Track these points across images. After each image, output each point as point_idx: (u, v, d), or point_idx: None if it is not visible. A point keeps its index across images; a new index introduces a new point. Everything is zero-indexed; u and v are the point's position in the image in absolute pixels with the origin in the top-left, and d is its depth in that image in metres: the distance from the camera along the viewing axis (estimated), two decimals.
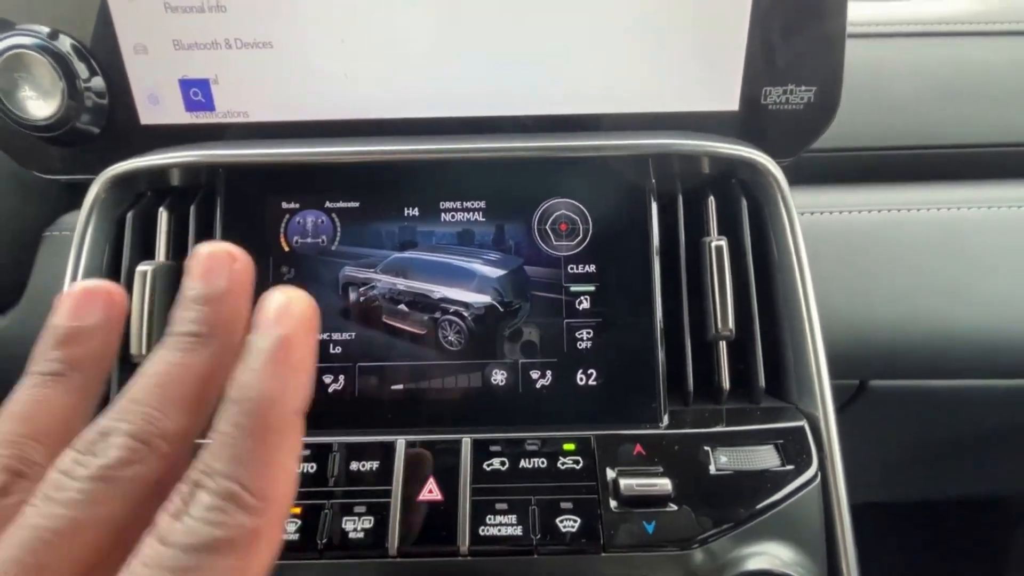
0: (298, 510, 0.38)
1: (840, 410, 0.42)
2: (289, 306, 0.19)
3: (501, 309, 0.43)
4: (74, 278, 0.44)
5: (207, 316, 0.20)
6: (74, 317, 0.21)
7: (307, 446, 0.41)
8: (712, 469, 0.40)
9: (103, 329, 0.21)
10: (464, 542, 0.37)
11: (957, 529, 0.89)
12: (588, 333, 0.43)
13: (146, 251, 0.46)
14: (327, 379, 0.43)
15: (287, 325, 0.19)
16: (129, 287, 0.44)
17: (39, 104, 0.46)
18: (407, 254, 0.44)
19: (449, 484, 0.39)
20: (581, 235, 0.44)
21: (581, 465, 0.40)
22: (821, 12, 0.45)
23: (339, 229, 0.44)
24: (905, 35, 0.58)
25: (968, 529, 0.88)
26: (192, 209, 0.46)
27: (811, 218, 0.55)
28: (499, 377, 0.43)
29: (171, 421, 0.18)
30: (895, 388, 0.57)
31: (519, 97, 0.48)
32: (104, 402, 0.44)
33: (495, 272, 0.44)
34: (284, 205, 0.44)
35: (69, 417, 0.20)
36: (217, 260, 0.21)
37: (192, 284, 0.20)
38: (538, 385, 0.43)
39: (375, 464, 0.40)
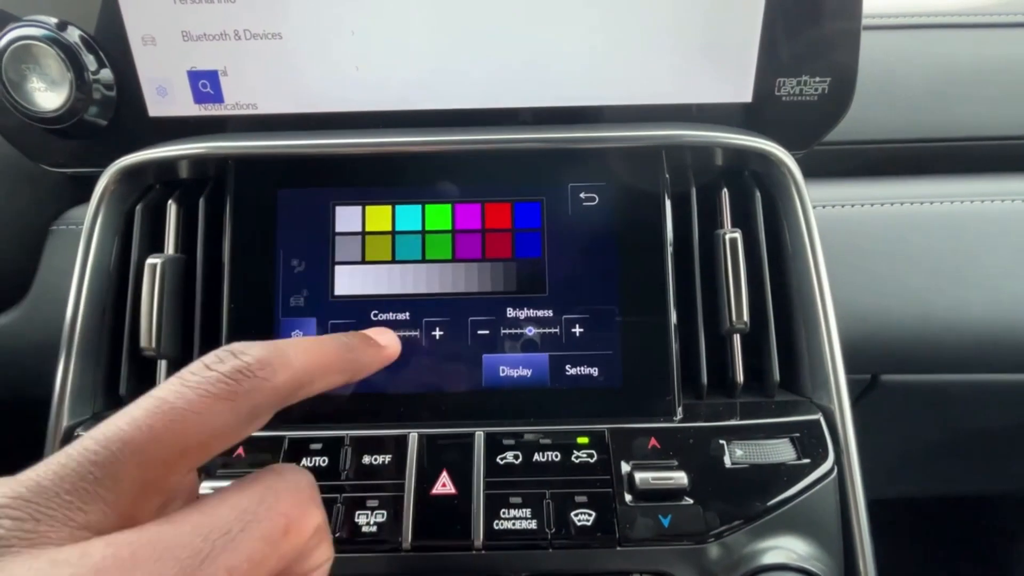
0: None
1: (852, 405, 0.42)
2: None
3: (515, 302, 0.43)
4: (83, 271, 0.44)
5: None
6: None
7: (319, 439, 0.40)
8: (728, 462, 0.39)
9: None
10: (478, 536, 0.37)
11: (970, 525, 0.88)
12: (601, 326, 0.43)
13: (155, 244, 0.46)
14: None
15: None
16: (138, 280, 0.44)
17: (47, 96, 0.46)
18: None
19: (463, 478, 0.39)
20: (594, 228, 0.44)
21: (595, 459, 0.39)
22: (836, 2, 0.45)
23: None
24: (920, 27, 0.57)
25: (982, 525, 0.87)
26: (201, 202, 0.46)
27: (823, 211, 0.54)
28: (512, 371, 0.43)
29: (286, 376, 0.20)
30: (907, 383, 0.57)
31: (531, 89, 0.47)
32: (111, 397, 0.44)
33: (511, 267, 0.44)
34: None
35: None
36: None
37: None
38: (551, 378, 0.42)
39: (388, 458, 0.40)
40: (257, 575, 0.16)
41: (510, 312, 0.43)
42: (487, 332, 0.43)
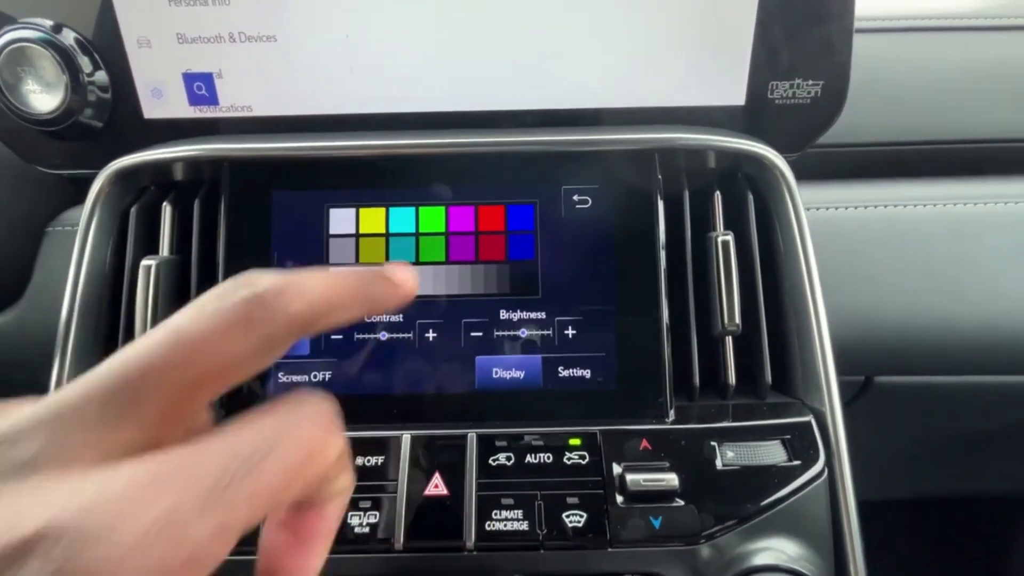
0: None
1: (845, 406, 0.42)
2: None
3: (508, 304, 0.43)
4: (78, 272, 0.44)
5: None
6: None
7: None
8: (719, 464, 0.39)
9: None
10: (470, 537, 0.37)
11: (962, 527, 0.88)
12: (594, 328, 0.43)
13: (150, 246, 0.46)
14: (331, 375, 0.43)
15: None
16: (133, 282, 0.44)
17: (42, 98, 0.46)
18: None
19: (455, 479, 0.39)
20: (587, 230, 0.44)
21: (587, 460, 0.40)
22: (829, 6, 0.45)
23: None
24: (912, 30, 0.58)
25: (973, 527, 0.88)
26: (196, 203, 0.46)
27: (816, 214, 0.54)
28: (505, 372, 0.43)
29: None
30: (901, 384, 0.57)
31: (524, 92, 0.48)
32: None
33: (503, 269, 0.44)
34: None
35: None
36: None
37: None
38: (544, 380, 0.43)
39: (381, 459, 0.40)
40: (280, 499, 0.16)
41: (503, 314, 0.43)
42: (480, 334, 0.43)
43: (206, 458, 0.15)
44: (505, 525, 0.38)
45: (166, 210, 0.46)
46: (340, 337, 0.43)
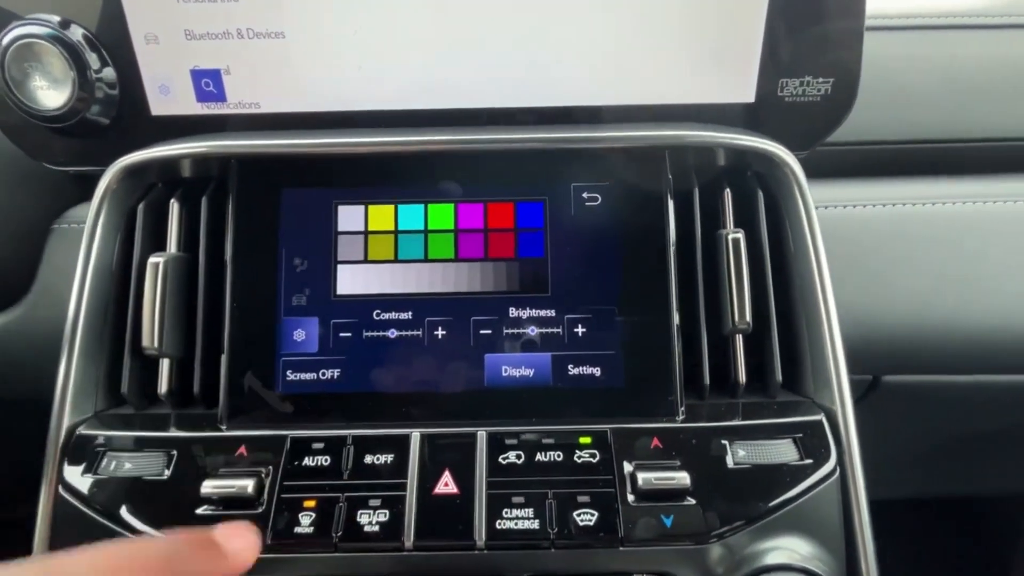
0: (312, 503, 0.38)
1: (853, 405, 0.42)
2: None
3: (517, 302, 0.43)
4: (85, 269, 0.44)
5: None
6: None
7: (321, 439, 0.40)
8: (730, 463, 0.39)
9: None
10: (480, 535, 0.37)
11: (970, 527, 0.88)
12: (603, 326, 0.43)
13: (157, 243, 0.46)
14: (340, 372, 0.43)
15: None
16: (140, 279, 0.44)
17: (50, 94, 0.46)
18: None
19: (465, 477, 0.39)
20: (597, 228, 0.44)
21: (598, 458, 0.39)
22: (839, 3, 0.45)
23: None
24: (923, 28, 0.57)
25: (982, 527, 0.87)
26: (204, 200, 0.46)
27: (825, 212, 0.54)
28: (514, 370, 0.43)
29: None
30: (908, 383, 0.57)
31: (534, 89, 0.47)
32: (113, 396, 0.44)
33: (513, 267, 0.44)
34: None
35: None
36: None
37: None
38: (554, 378, 0.42)
39: (390, 457, 0.40)
40: None
41: (512, 312, 0.43)
42: (489, 332, 0.43)
43: None
44: (515, 524, 0.37)
45: (174, 207, 0.46)
46: (349, 335, 0.43)
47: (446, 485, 0.39)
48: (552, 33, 0.46)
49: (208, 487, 0.37)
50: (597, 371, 0.42)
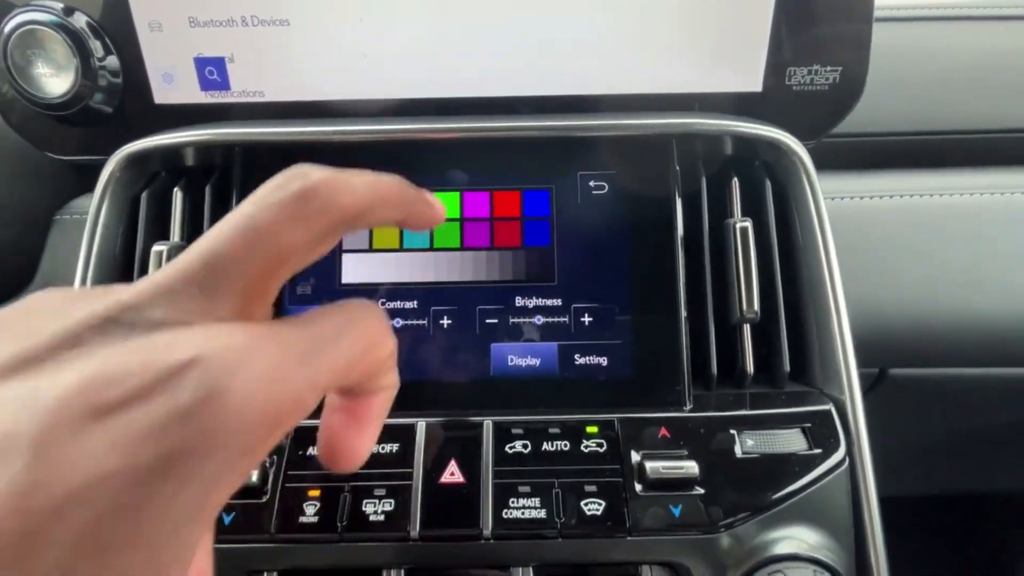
0: (317, 492, 0.38)
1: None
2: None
3: (523, 291, 0.43)
4: (88, 258, 0.43)
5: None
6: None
7: None
8: (738, 452, 0.39)
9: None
10: (487, 525, 0.37)
11: (977, 523, 0.88)
12: (610, 315, 0.42)
13: (161, 231, 0.46)
14: None
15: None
16: (144, 268, 0.44)
17: (53, 81, 0.45)
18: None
19: (471, 467, 0.38)
20: (604, 217, 0.44)
21: (605, 448, 0.39)
22: None
23: None
24: (931, 19, 0.57)
25: (988, 523, 0.87)
26: (207, 189, 0.45)
27: (833, 203, 0.54)
28: (520, 360, 0.42)
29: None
30: (916, 377, 0.57)
31: (540, 77, 0.47)
32: None
33: (519, 255, 0.43)
34: None
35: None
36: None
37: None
38: (560, 368, 0.42)
39: (396, 447, 0.39)
40: (348, 378, 0.20)
41: (519, 301, 0.43)
42: (495, 321, 0.43)
43: (297, 332, 0.18)
44: (522, 513, 0.37)
45: (177, 196, 0.45)
46: None
47: (452, 475, 0.38)
48: (560, 22, 0.45)
49: None
50: (604, 361, 0.42)
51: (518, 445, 0.39)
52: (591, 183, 0.44)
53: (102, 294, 0.18)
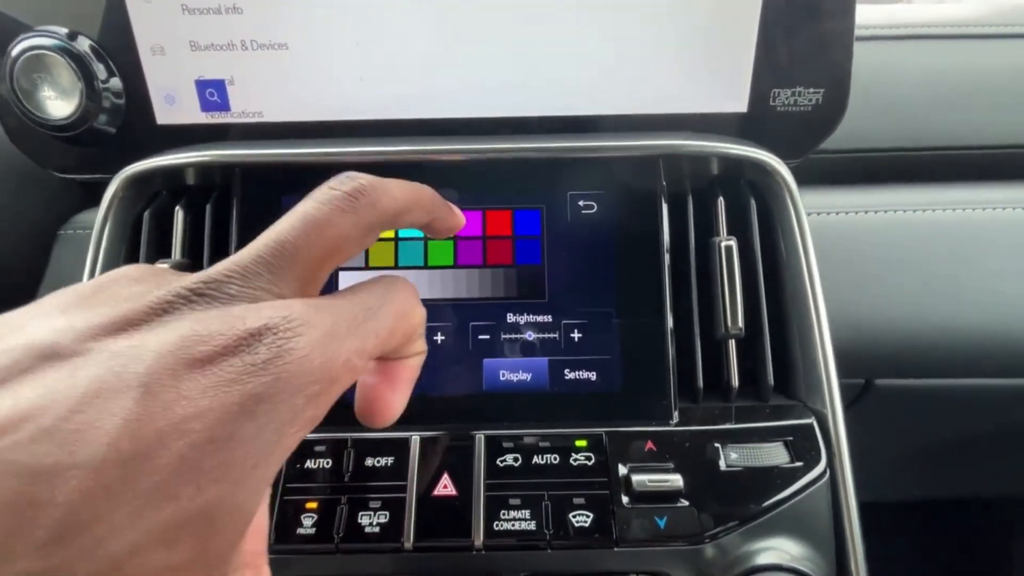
0: (314, 504, 0.39)
1: (846, 409, 0.43)
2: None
3: (515, 308, 0.44)
4: (92, 275, 0.45)
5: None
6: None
7: (321, 442, 0.41)
8: (722, 465, 0.40)
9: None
10: (479, 536, 0.38)
11: (962, 530, 0.89)
12: (599, 331, 0.44)
13: (162, 250, 0.47)
14: None
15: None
16: None
17: (58, 104, 0.47)
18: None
19: (463, 479, 0.40)
20: (593, 235, 0.45)
21: (593, 461, 0.40)
22: (830, 14, 0.46)
23: None
24: (912, 38, 0.58)
25: (974, 529, 0.88)
26: (208, 208, 0.47)
27: (818, 219, 0.55)
28: (512, 375, 0.43)
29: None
30: (901, 387, 0.58)
31: (529, 99, 0.48)
32: None
33: (509, 272, 0.44)
34: None
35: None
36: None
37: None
38: (550, 383, 0.43)
39: (390, 460, 0.40)
40: (388, 343, 0.23)
41: (510, 317, 0.44)
42: (487, 337, 0.44)
43: (346, 303, 0.22)
44: (513, 525, 0.38)
45: (178, 215, 0.46)
46: None
47: (445, 487, 0.40)
48: (550, 45, 0.47)
49: None
50: (593, 375, 0.43)
51: (509, 459, 0.40)
52: (580, 202, 0.45)
53: (179, 274, 0.22)
